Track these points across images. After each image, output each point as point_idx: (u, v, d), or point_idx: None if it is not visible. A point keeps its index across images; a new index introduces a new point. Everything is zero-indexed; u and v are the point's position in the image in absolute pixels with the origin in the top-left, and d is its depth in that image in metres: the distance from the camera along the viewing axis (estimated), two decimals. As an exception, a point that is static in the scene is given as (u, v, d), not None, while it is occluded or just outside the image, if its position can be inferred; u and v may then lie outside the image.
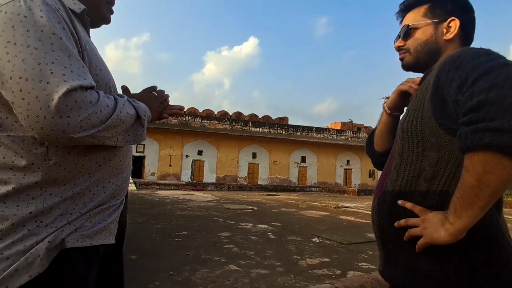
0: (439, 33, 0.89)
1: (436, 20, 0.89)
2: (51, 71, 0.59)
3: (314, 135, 32.09)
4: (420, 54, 0.91)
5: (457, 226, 0.67)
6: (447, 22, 0.88)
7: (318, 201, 15.72)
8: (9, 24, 0.60)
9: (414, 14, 0.93)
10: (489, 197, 0.64)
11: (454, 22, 0.87)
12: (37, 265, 0.64)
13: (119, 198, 0.83)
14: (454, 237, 0.68)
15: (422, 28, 0.91)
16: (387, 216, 0.83)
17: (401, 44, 0.95)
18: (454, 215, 0.67)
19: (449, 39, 0.88)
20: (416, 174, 0.80)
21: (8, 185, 0.65)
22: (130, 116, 0.73)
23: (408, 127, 0.83)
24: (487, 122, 0.60)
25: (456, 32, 0.87)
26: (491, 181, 0.62)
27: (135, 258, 3.95)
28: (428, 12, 0.91)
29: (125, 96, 0.76)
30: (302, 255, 4.50)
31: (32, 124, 0.59)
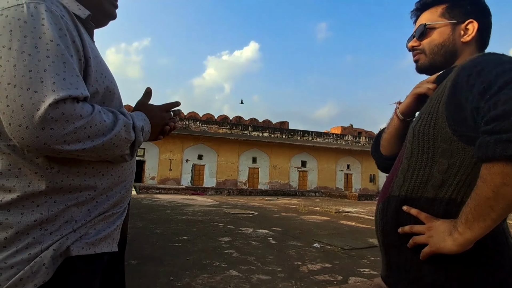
0: (456, 34, 0.85)
1: (454, 21, 0.85)
2: (41, 80, 0.58)
3: (314, 139, 32.09)
4: (436, 56, 0.87)
5: (466, 237, 0.65)
6: (465, 24, 0.84)
7: (318, 206, 15.67)
8: (7, 28, 0.59)
9: (430, 13, 0.89)
10: (504, 210, 0.61)
11: (472, 24, 0.83)
12: (42, 273, 0.63)
13: (122, 206, 0.83)
14: (462, 247, 0.66)
15: (439, 29, 0.87)
16: (391, 221, 0.81)
17: (415, 44, 0.91)
18: (464, 225, 0.65)
19: (467, 42, 0.84)
20: (424, 180, 0.78)
21: (12, 193, 0.64)
22: (127, 141, 0.71)
23: (420, 131, 0.79)
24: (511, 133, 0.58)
25: (474, 34, 0.83)
26: (508, 194, 0.59)
27: (135, 264, 3.93)
28: (446, 12, 0.87)
29: (131, 120, 0.73)
30: (303, 261, 4.48)
31: (13, 133, 0.58)
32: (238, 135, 28.92)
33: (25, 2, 0.62)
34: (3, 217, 0.63)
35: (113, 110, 0.72)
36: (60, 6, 0.68)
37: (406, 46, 0.97)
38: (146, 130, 0.78)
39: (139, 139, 0.75)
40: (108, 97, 0.76)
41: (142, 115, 0.79)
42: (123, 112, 0.74)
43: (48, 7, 0.63)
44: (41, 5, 0.63)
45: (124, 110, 0.76)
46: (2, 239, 0.62)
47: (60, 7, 0.67)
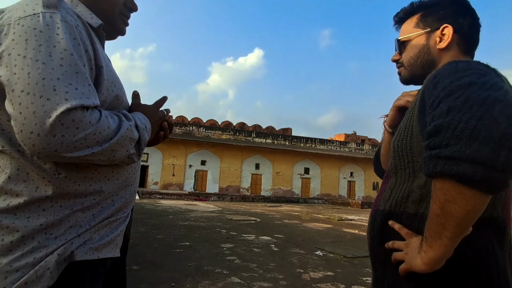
0: (431, 43, 0.83)
1: (428, 29, 0.84)
2: (54, 88, 0.59)
3: (317, 146, 32.02)
4: (414, 68, 0.87)
5: (430, 256, 0.63)
6: (440, 30, 0.82)
7: (321, 213, 15.55)
8: (23, 37, 0.61)
9: (407, 25, 0.90)
10: (455, 227, 0.59)
11: (448, 29, 0.81)
12: (46, 278, 0.64)
13: (126, 211, 0.83)
14: (429, 266, 0.64)
15: (413, 40, 0.86)
16: (378, 235, 0.81)
17: (397, 58, 0.92)
18: (426, 244, 0.64)
19: (443, 48, 0.82)
20: (406, 195, 0.76)
21: (20, 197, 0.65)
22: (131, 141, 0.72)
23: (399, 146, 0.79)
24: (441, 149, 0.57)
25: (450, 39, 0.81)
26: (454, 211, 0.58)
27: (137, 269, 3.91)
28: (419, 22, 0.86)
29: (133, 119, 0.74)
30: (305, 268, 4.44)
31: (25, 140, 0.58)
32: (241, 141, 28.95)
33: (41, 12, 0.63)
34: (9, 221, 0.64)
35: (117, 113, 0.73)
36: (74, 16, 0.70)
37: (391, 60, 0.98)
38: (148, 128, 0.79)
39: (144, 137, 0.76)
40: (116, 104, 0.78)
41: (141, 114, 0.80)
42: (125, 114, 0.75)
43: (63, 17, 0.65)
44: (56, 15, 0.64)
45: (126, 112, 0.77)
46: (8, 243, 0.63)
47: (75, 17, 0.69)
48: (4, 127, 0.67)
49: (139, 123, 0.75)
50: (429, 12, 0.85)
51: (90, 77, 0.68)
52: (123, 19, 0.91)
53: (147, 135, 0.78)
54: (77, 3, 0.79)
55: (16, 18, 0.63)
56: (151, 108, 0.87)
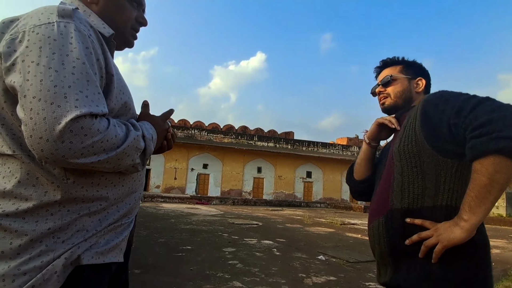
0: (412, 86, 1.17)
1: (410, 77, 1.18)
2: (65, 95, 0.60)
3: (320, 150, 31.96)
4: (399, 100, 1.16)
5: (472, 222, 0.80)
6: (416, 80, 1.17)
7: (323, 217, 15.49)
8: (37, 45, 0.62)
9: (391, 69, 1.20)
10: (498, 192, 0.78)
11: (421, 81, 1.17)
12: (53, 281, 0.64)
13: (131, 217, 0.84)
14: (469, 233, 0.81)
15: (400, 80, 1.17)
16: (400, 232, 0.92)
17: (382, 90, 1.20)
18: (469, 212, 0.80)
19: (418, 92, 1.17)
20: (421, 192, 0.92)
21: (29, 201, 0.66)
22: (138, 150, 0.73)
23: (405, 150, 0.96)
24: (498, 132, 0.76)
25: (423, 88, 1.17)
26: (501, 178, 0.77)
27: (138, 273, 3.91)
28: (403, 70, 1.19)
29: (140, 129, 0.76)
30: (308, 273, 4.41)
31: (34, 145, 0.59)
32: (243, 144, 28.95)
33: (55, 21, 0.65)
34: (18, 224, 0.65)
35: (125, 122, 0.74)
36: (87, 25, 0.71)
37: (371, 92, 1.26)
38: (154, 139, 0.81)
39: (149, 148, 0.77)
40: (124, 111, 0.79)
41: (149, 124, 0.82)
42: (133, 123, 0.76)
43: (77, 27, 0.67)
44: (70, 24, 0.66)
45: (134, 121, 0.78)
46: (17, 246, 0.64)
47: (88, 27, 0.71)
48: (15, 132, 0.68)
49: (146, 133, 0.76)
50: (409, 66, 1.20)
51: (100, 85, 0.69)
52: (133, 33, 0.94)
53: (153, 145, 0.80)
54: (90, 13, 0.81)
55: (31, 25, 0.65)
56: (159, 119, 0.88)
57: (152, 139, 0.79)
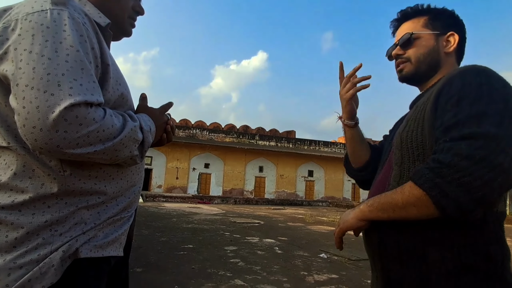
0: (440, 45, 0.88)
1: (437, 32, 0.88)
2: (58, 83, 0.58)
3: (321, 149, 31.92)
4: (422, 65, 0.88)
5: (365, 214, 0.78)
6: (447, 35, 0.88)
7: (325, 216, 15.47)
8: (30, 33, 0.61)
9: (413, 23, 0.91)
10: (397, 216, 0.72)
11: (453, 37, 0.87)
12: (50, 275, 0.63)
13: (130, 211, 0.83)
14: (356, 220, 0.79)
15: (424, 38, 0.88)
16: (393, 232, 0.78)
17: (400, 53, 0.91)
18: (368, 207, 0.77)
19: (449, 53, 0.88)
20: None
21: (25, 193, 0.65)
22: (135, 142, 0.71)
23: (408, 138, 0.80)
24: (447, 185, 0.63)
25: (455, 46, 0.87)
26: (410, 211, 0.69)
27: (140, 271, 3.92)
28: (428, 24, 0.89)
29: (138, 120, 0.74)
30: (310, 271, 4.41)
31: (27, 134, 0.58)
32: (245, 144, 28.96)
33: (49, 9, 0.64)
34: (14, 217, 0.64)
35: (122, 113, 0.73)
36: (82, 13, 0.70)
37: (386, 55, 0.98)
38: (152, 131, 0.80)
39: (147, 140, 0.76)
40: (121, 103, 0.78)
41: (147, 116, 0.81)
42: (130, 115, 0.75)
43: (71, 14, 0.65)
44: (64, 12, 0.65)
45: (131, 113, 0.77)
46: (13, 239, 0.63)
47: (82, 15, 0.70)
48: (9, 123, 0.67)
49: (144, 125, 0.75)
50: (437, 17, 0.89)
51: (96, 74, 0.68)
52: (131, 22, 0.92)
53: (151, 137, 0.78)
54: (85, 2, 0.80)
55: (24, 13, 0.64)
56: (157, 111, 0.87)
57: (151, 131, 0.78)
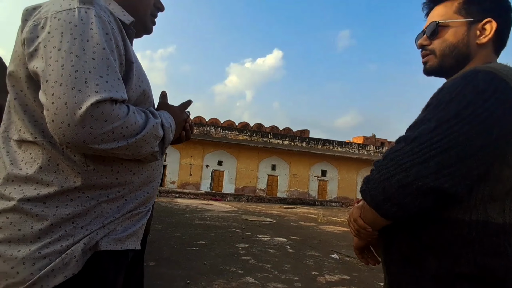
0: (471, 35, 0.76)
1: (471, 20, 0.76)
2: (85, 80, 0.60)
3: (335, 148, 31.56)
4: (447, 58, 0.79)
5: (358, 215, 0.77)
6: (482, 23, 0.75)
7: (338, 216, 15.32)
8: (59, 31, 0.64)
9: (445, 8, 0.80)
10: None
11: (490, 24, 0.75)
12: (72, 266, 0.66)
13: (148, 205, 0.85)
14: None
15: (453, 27, 0.78)
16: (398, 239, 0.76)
17: (425, 43, 0.83)
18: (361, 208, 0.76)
19: (482, 44, 0.76)
20: None
21: (50, 187, 0.68)
22: (156, 139, 0.73)
23: None
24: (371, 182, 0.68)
25: (491, 36, 0.75)
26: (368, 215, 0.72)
27: (153, 265, 4.00)
28: (462, 9, 0.77)
29: (159, 117, 0.76)
30: (321, 271, 4.38)
31: (55, 129, 0.60)
32: (258, 142, 28.99)
33: (76, 7, 0.66)
34: (39, 209, 0.66)
35: (145, 110, 0.75)
36: (107, 12, 0.72)
37: (415, 42, 0.88)
38: (173, 128, 0.81)
39: (168, 137, 0.77)
40: (142, 99, 0.80)
41: (167, 114, 0.82)
42: (152, 111, 0.77)
43: (97, 13, 0.68)
44: (91, 10, 0.67)
45: (153, 110, 0.79)
46: (38, 230, 0.66)
47: (108, 13, 0.72)
48: (37, 118, 0.70)
49: (165, 122, 0.77)
50: (474, 0, 0.77)
51: (120, 72, 0.70)
52: (152, 19, 0.94)
53: (171, 134, 0.80)
54: (110, 0, 0.82)
55: (53, 12, 0.66)
56: (177, 109, 0.89)
57: (171, 128, 0.80)
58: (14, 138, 0.72)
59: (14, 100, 0.71)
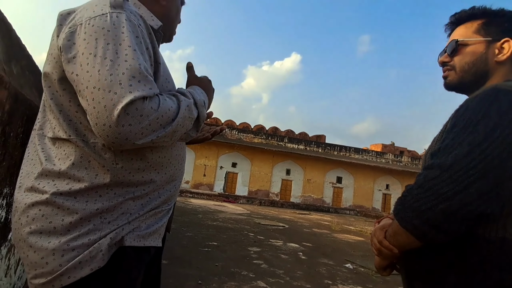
0: (490, 53, 0.81)
1: (489, 39, 0.81)
2: (119, 82, 0.64)
3: (352, 155, 31.03)
4: (466, 75, 0.83)
5: None
6: (501, 42, 0.80)
7: (353, 224, 15.03)
8: (94, 37, 0.67)
9: (465, 28, 0.86)
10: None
11: (508, 43, 0.79)
12: (98, 259, 0.68)
13: (170, 204, 0.87)
14: None
15: (472, 46, 0.83)
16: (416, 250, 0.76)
17: (446, 60, 0.88)
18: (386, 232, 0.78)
19: (501, 61, 0.80)
20: None
21: (81, 182, 0.71)
22: (191, 119, 0.76)
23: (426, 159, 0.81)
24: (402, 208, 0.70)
25: (509, 54, 0.79)
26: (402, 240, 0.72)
27: (166, 263, 4.04)
28: (481, 29, 0.83)
29: (191, 96, 0.78)
30: (334, 280, 4.30)
31: (100, 132, 0.64)
32: (273, 145, 28.93)
33: (108, 12, 0.70)
34: (70, 203, 0.69)
35: (174, 93, 0.77)
36: (137, 16, 0.76)
37: (437, 60, 0.93)
38: (206, 103, 0.84)
39: (202, 114, 0.80)
40: None
41: (199, 89, 0.85)
42: (183, 92, 0.79)
43: (128, 17, 0.71)
44: (122, 14, 0.70)
45: (183, 90, 0.81)
46: (68, 223, 0.68)
47: (138, 17, 0.75)
48: (71, 118, 0.73)
49: (198, 100, 0.79)
50: (492, 22, 0.83)
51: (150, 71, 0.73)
52: (175, 30, 1.01)
53: (205, 110, 0.82)
54: (139, 5, 0.86)
55: (87, 18, 0.70)
56: (206, 80, 0.93)
57: (204, 104, 0.82)
58: (49, 136, 0.75)
59: (50, 100, 0.74)
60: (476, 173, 0.62)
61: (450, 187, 0.63)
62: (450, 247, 0.70)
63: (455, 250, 0.70)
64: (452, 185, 0.63)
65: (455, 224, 0.64)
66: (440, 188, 0.64)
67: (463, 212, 0.62)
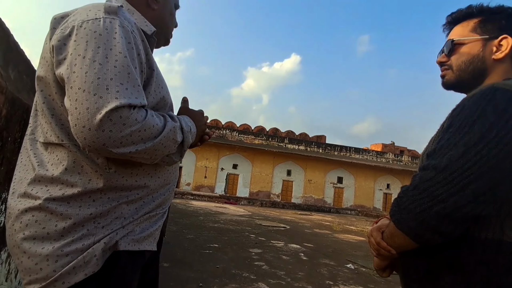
0: (487, 51, 0.79)
1: (486, 37, 0.80)
2: (107, 87, 0.63)
3: (352, 155, 30.99)
4: (463, 73, 0.83)
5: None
6: (499, 39, 0.78)
7: (354, 225, 15.00)
8: (84, 39, 0.67)
9: (462, 28, 0.85)
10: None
11: (506, 40, 0.77)
12: (92, 264, 0.68)
13: (165, 207, 0.87)
14: None
15: (468, 44, 0.82)
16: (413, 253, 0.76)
17: (443, 60, 0.88)
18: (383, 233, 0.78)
19: (499, 59, 0.78)
20: None
21: (74, 188, 0.70)
22: (175, 143, 0.75)
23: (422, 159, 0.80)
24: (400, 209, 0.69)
25: (507, 51, 0.77)
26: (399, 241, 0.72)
27: (167, 266, 4.04)
28: (477, 27, 0.82)
29: (179, 121, 0.78)
30: (335, 281, 4.29)
31: (78, 133, 0.63)
32: (273, 146, 28.91)
33: (102, 17, 0.70)
34: (63, 208, 0.69)
35: (163, 114, 0.77)
36: (131, 22, 0.76)
37: (436, 60, 0.93)
38: (193, 131, 0.83)
39: (187, 140, 0.79)
40: (162, 105, 0.82)
41: (188, 118, 0.84)
42: (171, 116, 0.79)
43: (121, 23, 0.71)
44: (115, 20, 0.70)
45: (172, 114, 0.81)
46: (61, 229, 0.68)
47: (132, 23, 0.75)
48: (63, 122, 0.73)
49: (184, 126, 0.79)
50: (489, 19, 0.81)
51: (140, 79, 0.72)
52: (172, 33, 1.02)
53: (191, 138, 0.81)
54: (133, 11, 0.86)
55: (80, 21, 0.69)
56: (198, 113, 0.91)
57: (191, 131, 0.81)
58: (41, 141, 0.75)
59: (42, 104, 0.74)
60: (472, 175, 0.61)
61: (445, 189, 0.62)
62: (447, 248, 0.69)
63: (451, 252, 0.69)
64: (447, 187, 0.62)
65: (450, 226, 0.63)
66: (435, 190, 0.63)
67: (457, 214, 0.62)
